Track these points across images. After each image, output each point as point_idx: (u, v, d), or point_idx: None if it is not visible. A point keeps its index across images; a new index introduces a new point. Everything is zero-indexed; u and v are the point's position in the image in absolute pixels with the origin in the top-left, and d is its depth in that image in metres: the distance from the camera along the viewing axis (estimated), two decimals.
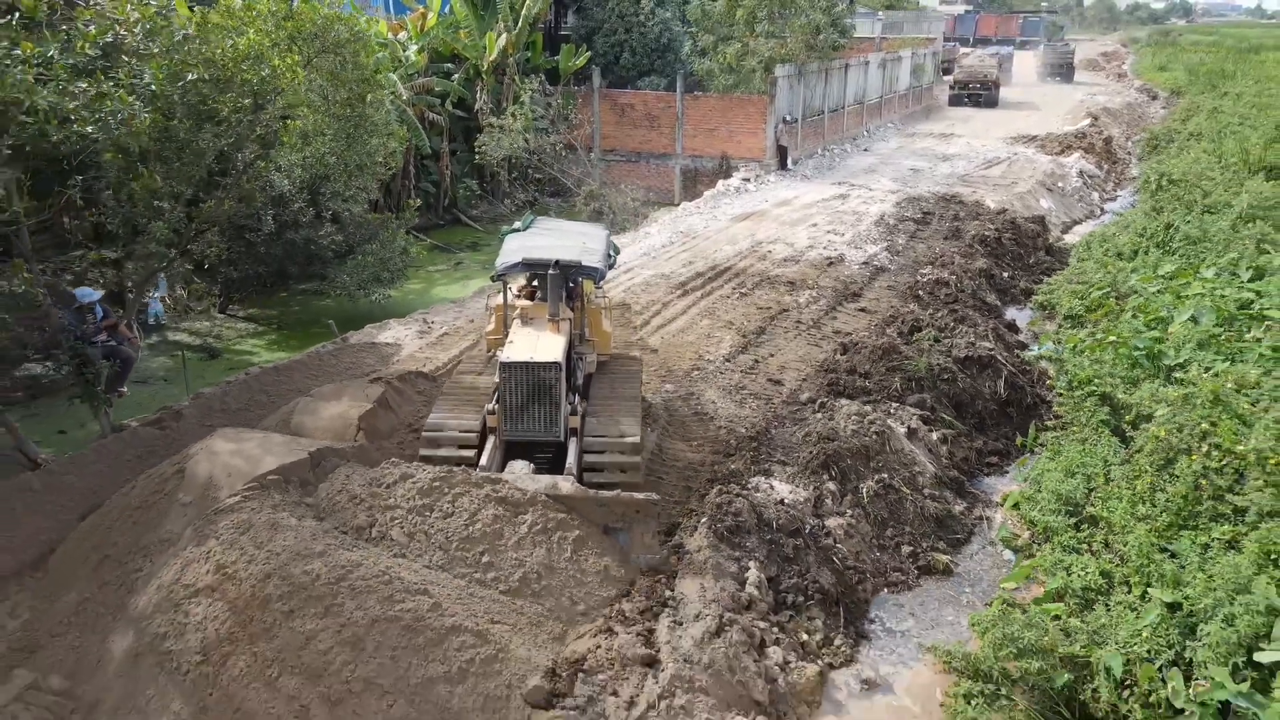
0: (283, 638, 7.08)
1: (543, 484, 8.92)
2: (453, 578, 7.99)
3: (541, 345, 9.81)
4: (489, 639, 7.46)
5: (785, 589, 9.11)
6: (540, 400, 9.61)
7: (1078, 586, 8.86)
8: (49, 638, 7.97)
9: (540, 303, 10.61)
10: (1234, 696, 6.77)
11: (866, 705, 8.30)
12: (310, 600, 7.28)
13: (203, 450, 9.12)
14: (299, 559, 7.62)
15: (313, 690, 6.85)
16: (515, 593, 8.12)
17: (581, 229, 12.26)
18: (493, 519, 8.47)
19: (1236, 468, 9.30)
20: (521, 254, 10.39)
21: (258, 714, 6.74)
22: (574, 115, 28.70)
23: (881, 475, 10.85)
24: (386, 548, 8.19)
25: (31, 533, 9.13)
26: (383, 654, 7.07)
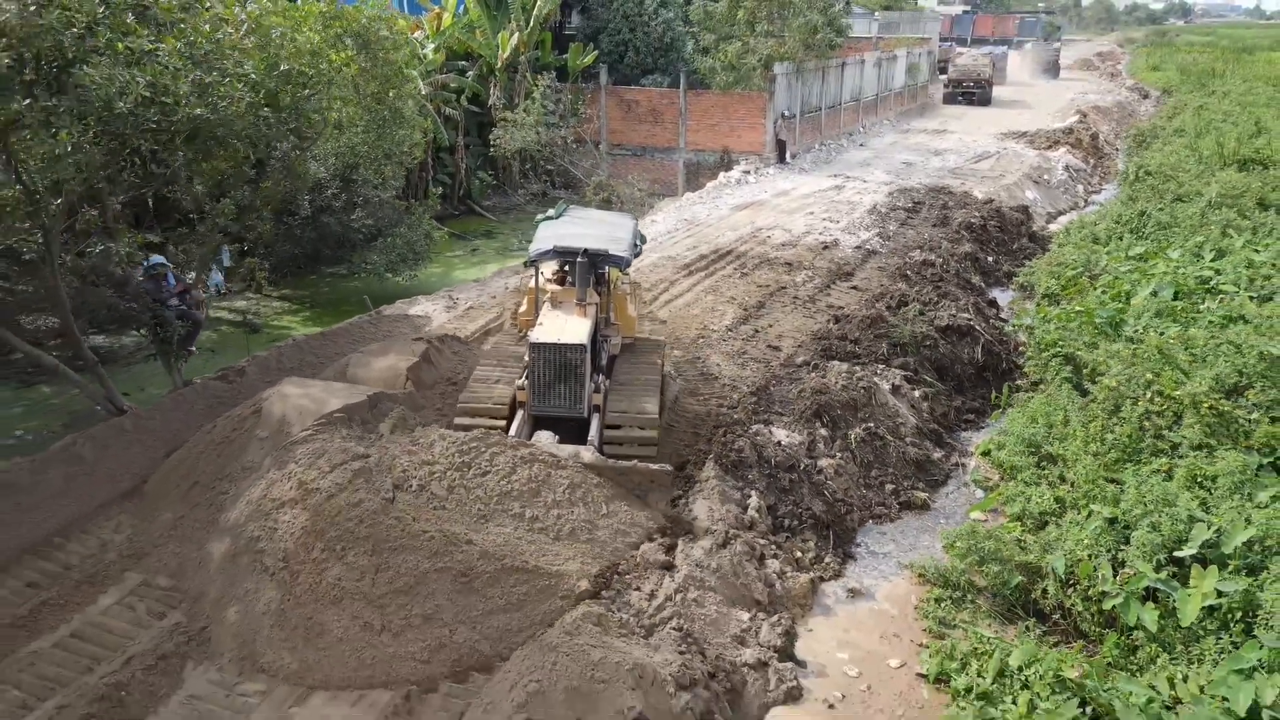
0: (352, 531, 8.32)
1: (566, 453, 9.54)
2: (497, 527, 8.70)
3: (569, 328, 10.40)
4: (543, 572, 8.41)
5: (782, 515, 10.48)
6: (566, 379, 10.21)
7: (1035, 511, 10.22)
8: (152, 547, 9.33)
9: (569, 287, 11.23)
10: (1154, 582, 8.13)
11: (851, 609, 9.65)
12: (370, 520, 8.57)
13: (275, 394, 10.49)
14: (364, 482, 8.97)
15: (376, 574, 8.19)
16: (563, 538, 8.81)
17: (611, 218, 12.97)
18: (530, 477, 9.10)
19: (1175, 411, 10.68)
20: (553, 241, 10.99)
21: (339, 596, 8.06)
22: (584, 110, 30.06)
23: (868, 424, 12.21)
24: (427, 501, 8.88)
25: (126, 465, 10.49)
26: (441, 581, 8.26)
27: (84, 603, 8.55)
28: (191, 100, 8.42)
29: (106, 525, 9.72)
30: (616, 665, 7.19)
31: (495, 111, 28.34)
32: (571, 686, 6.92)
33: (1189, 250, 17.85)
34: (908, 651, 8.95)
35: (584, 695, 6.91)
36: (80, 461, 10.24)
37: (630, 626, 8.10)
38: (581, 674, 7.01)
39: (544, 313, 10.93)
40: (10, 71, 7.23)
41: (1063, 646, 8.41)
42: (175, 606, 8.56)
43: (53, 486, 9.85)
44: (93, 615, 8.40)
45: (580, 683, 6.96)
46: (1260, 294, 14.68)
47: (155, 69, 8.20)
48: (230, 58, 9.13)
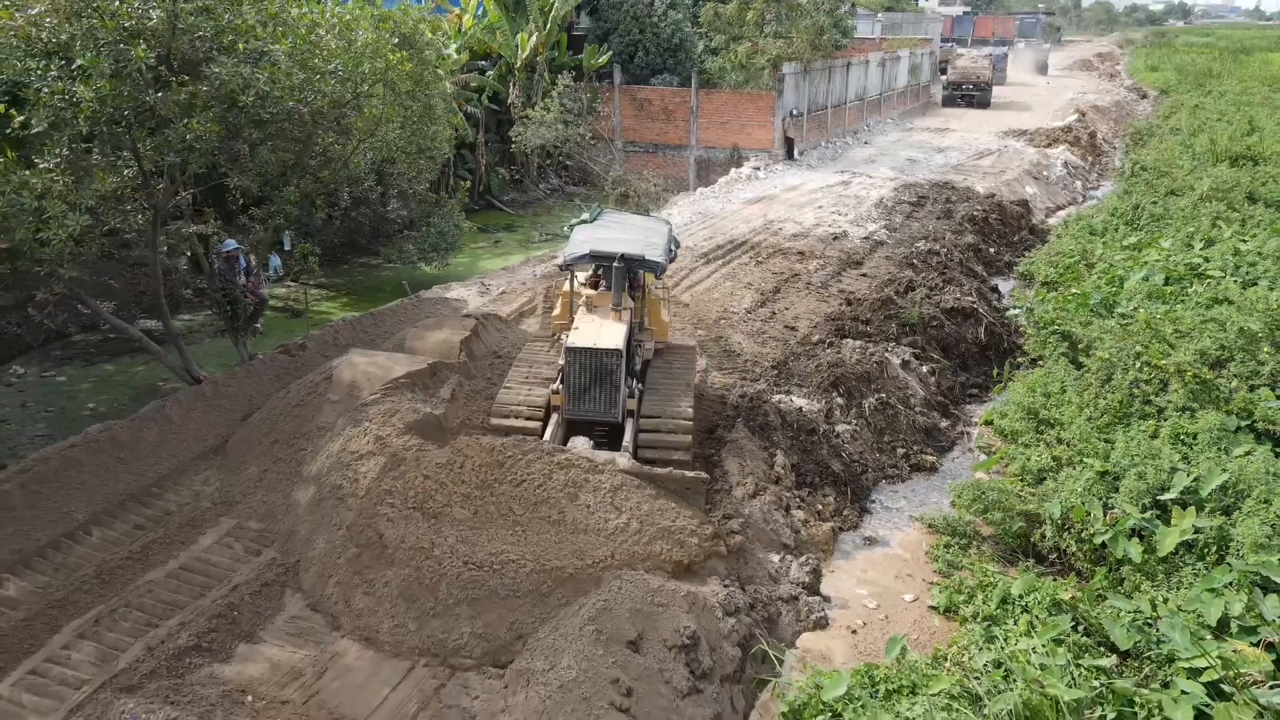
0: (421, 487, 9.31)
1: (601, 459, 9.58)
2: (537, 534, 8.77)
3: (604, 333, 10.43)
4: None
5: (804, 472, 11.53)
6: (601, 383, 10.26)
7: (1033, 468, 11.27)
8: (241, 496, 10.38)
9: (605, 292, 11.18)
10: (1140, 521, 9.19)
11: (868, 554, 10.72)
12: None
13: (344, 362, 11.55)
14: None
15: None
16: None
17: (646, 223, 12.93)
18: (569, 482, 9.13)
19: (1162, 379, 11.74)
20: (589, 245, 11.02)
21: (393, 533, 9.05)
22: (601, 108, 31.13)
23: (880, 395, 13.27)
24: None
25: (209, 427, 11.54)
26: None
27: (187, 542, 9.60)
28: (293, 95, 9.46)
29: (196, 478, 10.78)
30: (673, 592, 8.23)
31: (514, 110, 29.39)
32: (635, 607, 7.92)
33: (1180, 240, 18.89)
34: (920, 589, 10.01)
35: (645, 615, 7.93)
36: (170, 423, 11.30)
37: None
38: (644, 598, 8.03)
39: (579, 317, 10.97)
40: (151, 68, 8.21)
41: (1058, 580, 9.46)
42: (269, 545, 9.61)
43: (149, 444, 10.91)
44: (196, 552, 9.46)
45: (642, 605, 7.97)
46: (1245, 279, 15.72)
47: (271, 67, 9.26)
48: (319, 54, 10.17)
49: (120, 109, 8.38)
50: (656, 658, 7.63)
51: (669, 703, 7.44)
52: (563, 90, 27.99)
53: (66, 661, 7.92)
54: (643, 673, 7.49)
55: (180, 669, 7.82)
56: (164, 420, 11.29)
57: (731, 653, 8.10)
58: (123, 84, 8.24)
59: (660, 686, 7.50)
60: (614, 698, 7.18)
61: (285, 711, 7.42)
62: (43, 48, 8.26)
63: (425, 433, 10.39)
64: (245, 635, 8.35)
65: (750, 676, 8.19)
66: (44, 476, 9.97)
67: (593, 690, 7.14)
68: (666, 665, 7.62)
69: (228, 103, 9.07)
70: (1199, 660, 7.15)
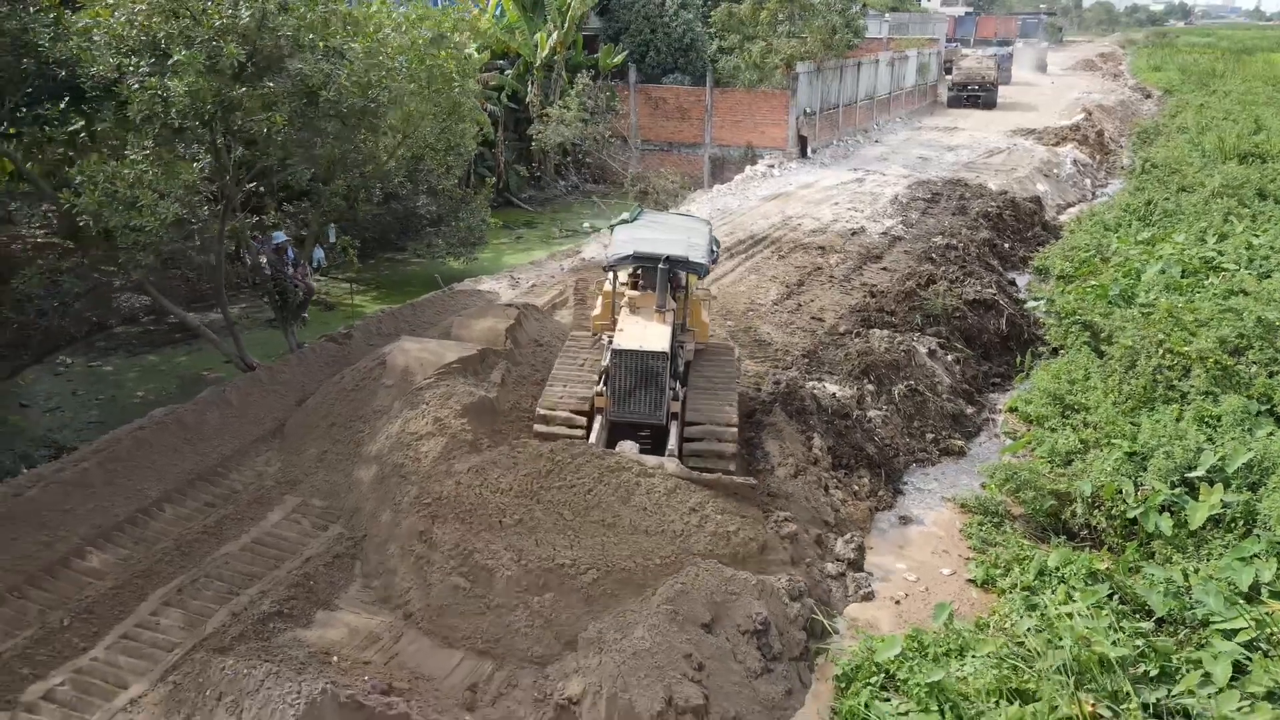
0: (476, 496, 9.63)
1: (651, 464, 9.66)
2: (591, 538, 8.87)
3: (650, 335, 10.37)
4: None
5: (840, 454, 11.96)
6: (647, 386, 10.22)
7: (1061, 450, 11.70)
8: (303, 475, 10.80)
9: (647, 293, 11.09)
10: (1169, 497, 9.62)
11: (904, 532, 11.15)
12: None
13: (396, 349, 11.98)
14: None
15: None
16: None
17: (686, 223, 12.78)
18: (620, 485, 9.27)
19: (1184, 365, 12.18)
20: (632, 246, 10.96)
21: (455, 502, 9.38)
22: (620, 107, 31.58)
23: (909, 382, 13.69)
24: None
25: (267, 411, 11.96)
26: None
27: (256, 518, 10.02)
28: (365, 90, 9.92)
29: (258, 459, 11.20)
30: (744, 580, 8.60)
31: (532, 108, 29.81)
32: (709, 593, 8.28)
33: (1193, 234, 19.37)
34: (956, 563, 10.45)
35: (719, 602, 8.31)
36: (230, 406, 11.72)
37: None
38: (718, 586, 8.39)
39: (623, 318, 10.89)
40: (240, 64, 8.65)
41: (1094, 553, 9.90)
42: (334, 521, 10.03)
43: (212, 426, 11.33)
44: (266, 527, 9.88)
45: (717, 591, 8.34)
46: (1259, 271, 16.18)
47: (350, 64, 9.69)
48: (384, 51, 10.60)
49: (208, 103, 8.81)
50: (730, 639, 8.05)
51: (741, 680, 7.88)
52: (582, 89, 28.41)
53: (156, 626, 8.35)
54: (716, 652, 7.91)
55: (265, 633, 8.24)
56: (225, 404, 11.71)
57: (798, 636, 8.54)
58: (213, 79, 8.68)
59: (733, 664, 7.93)
60: (687, 670, 7.59)
61: (368, 670, 7.84)
62: (135, 44, 8.69)
63: (480, 415, 10.84)
64: (322, 603, 8.78)
65: (813, 650, 8.60)
66: (118, 456, 10.39)
67: (666, 660, 7.55)
68: (739, 647, 8.05)
69: (306, 97, 9.51)
70: (1234, 621, 7.58)
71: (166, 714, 7.15)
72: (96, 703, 7.48)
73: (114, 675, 7.77)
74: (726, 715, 7.57)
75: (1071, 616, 8.04)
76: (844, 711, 7.90)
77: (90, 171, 8.62)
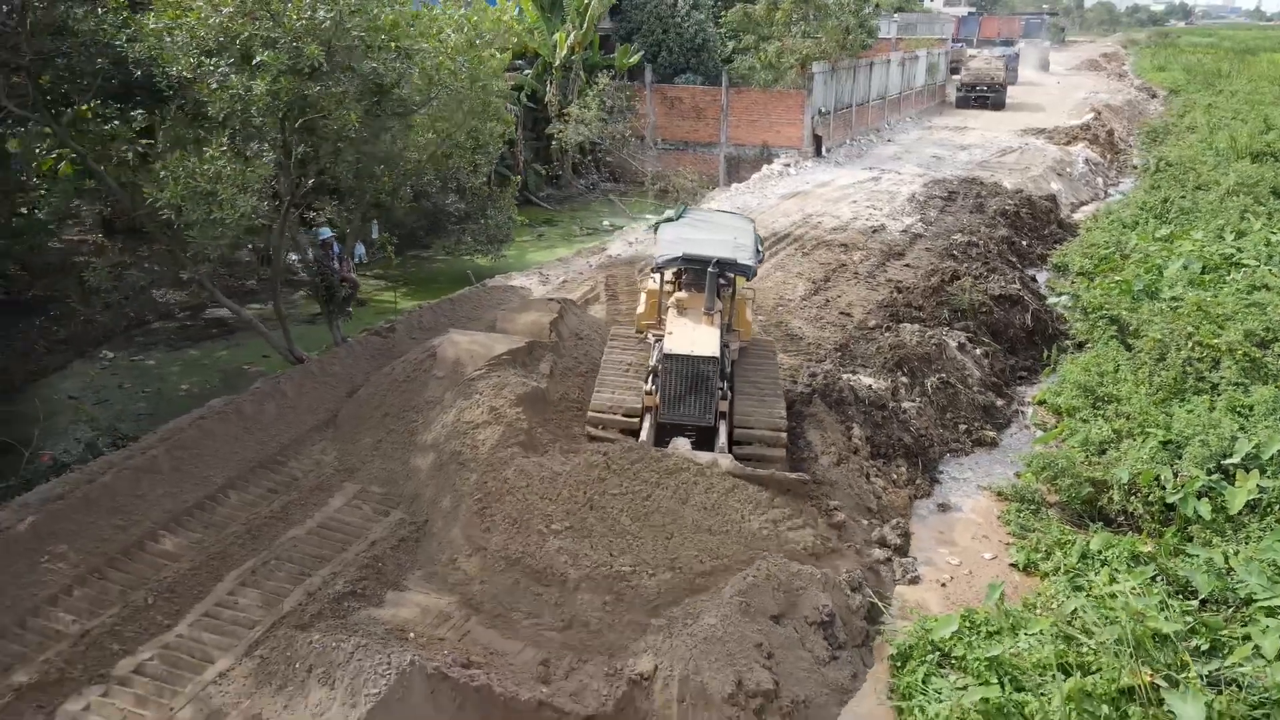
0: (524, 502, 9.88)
1: (704, 460, 9.91)
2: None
3: (699, 339, 10.48)
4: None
5: (877, 444, 12.26)
6: (697, 390, 10.39)
7: (1095, 440, 12.00)
8: (360, 463, 11.09)
9: (695, 294, 11.22)
10: (1207, 483, 9.92)
11: (943, 518, 11.46)
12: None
13: (446, 341, 12.28)
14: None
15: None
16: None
17: (732, 222, 12.81)
18: (679, 485, 9.54)
19: (1213, 357, 12.48)
20: (681, 248, 11.05)
21: (519, 489, 9.67)
22: (638, 106, 31.91)
23: (941, 374, 13.99)
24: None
25: (319, 401, 12.26)
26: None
27: (319, 504, 10.32)
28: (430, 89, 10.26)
29: (314, 448, 11.49)
30: (810, 574, 8.90)
31: (550, 108, 30.11)
32: (777, 586, 8.58)
33: (1211, 232, 19.66)
34: (997, 548, 10.76)
35: (787, 594, 8.61)
36: (285, 397, 12.01)
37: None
38: (786, 582, 8.68)
39: (671, 320, 10.98)
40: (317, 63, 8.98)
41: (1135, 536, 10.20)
42: (395, 506, 10.32)
43: (269, 416, 11.63)
44: (329, 513, 10.17)
45: (785, 587, 8.64)
46: None
47: (423, 62, 10.01)
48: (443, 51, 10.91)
49: (284, 102, 9.12)
50: (798, 630, 8.37)
51: (810, 667, 8.19)
52: (603, 88, 28.72)
53: (235, 605, 8.65)
54: (785, 641, 8.22)
55: (341, 611, 8.54)
56: (280, 395, 12.01)
57: (860, 625, 8.87)
58: (292, 79, 8.99)
59: (801, 653, 8.24)
60: (757, 658, 7.89)
61: (444, 646, 8.14)
62: (214, 45, 8.99)
63: (533, 405, 11.14)
64: (391, 584, 9.08)
65: (874, 635, 8.91)
66: (184, 444, 10.69)
67: (737, 648, 7.86)
68: (807, 637, 8.36)
69: (377, 95, 9.82)
70: (1278, 599, 7.87)
71: (257, 686, 7.45)
72: (186, 676, 7.77)
73: (200, 651, 8.07)
74: (796, 699, 7.86)
75: (1115, 597, 8.34)
76: (901, 688, 8.20)
77: (173, 167, 8.93)
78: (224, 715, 7.31)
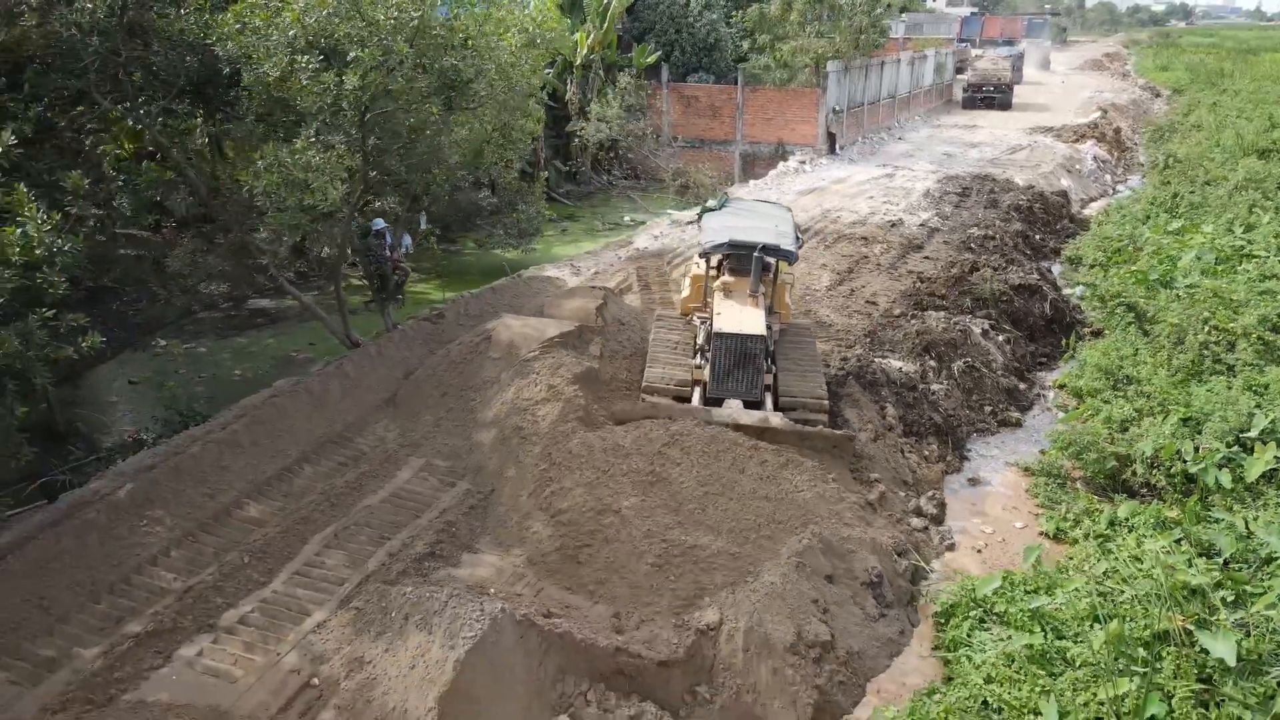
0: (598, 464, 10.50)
1: (756, 418, 10.70)
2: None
3: (746, 319, 11.22)
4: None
5: (909, 422, 12.89)
6: (745, 366, 11.12)
7: (1117, 419, 12.61)
8: (422, 440, 11.71)
9: (740, 278, 12.03)
10: (1226, 455, 10.54)
11: (974, 492, 12.08)
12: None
13: (500, 325, 12.91)
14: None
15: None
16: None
17: (771, 210, 13.48)
18: (735, 458, 10.19)
19: (1229, 340, 13.10)
20: (728, 235, 11.77)
21: (584, 459, 10.31)
22: (658, 104, 32.56)
23: (966, 359, 14.61)
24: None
25: (380, 382, 12.87)
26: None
27: (388, 476, 10.94)
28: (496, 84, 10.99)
29: (377, 425, 12.11)
30: (859, 538, 9.56)
31: (570, 106, 30.74)
32: (830, 549, 9.22)
33: (1221, 225, 20.27)
34: (1027, 518, 11.39)
35: (840, 556, 9.25)
36: (348, 378, 12.64)
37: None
38: (837, 545, 9.32)
39: (718, 302, 11.80)
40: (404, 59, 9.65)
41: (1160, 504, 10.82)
42: (460, 478, 10.95)
43: (334, 395, 12.25)
44: (399, 483, 10.80)
45: (837, 550, 9.27)
46: None
47: (499, 60, 10.65)
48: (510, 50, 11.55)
49: (369, 96, 9.75)
50: (850, 589, 9.00)
51: (861, 623, 8.82)
52: (624, 87, 29.34)
53: (323, 565, 9.27)
54: (838, 599, 8.84)
55: (423, 570, 9.18)
56: (343, 375, 12.63)
57: (905, 586, 9.51)
58: (379, 75, 9.62)
59: (853, 609, 8.87)
60: (814, 612, 8.51)
61: (521, 600, 8.75)
62: (304, 43, 9.60)
63: (588, 383, 11.77)
64: (465, 546, 9.71)
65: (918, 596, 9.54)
66: (260, 420, 11.31)
67: (796, 603, 8.47)
68: (858, 595, 9.00)
69: (455, 90, 10.43)
70: None
71: (356, 633, 8.06)
72: (286, 626, 8.40)
73: (295, 605, 8.69)
74: (851, 650, 8.48)
75: (1142, 560, 8.96)
76: (947, 642, 8.82)
77: (269, 157, 9.55)
78: (327, 659, 7.93)
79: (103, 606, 8.57)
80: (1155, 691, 7.03)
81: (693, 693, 8.07)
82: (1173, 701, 7.00)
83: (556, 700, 7.71)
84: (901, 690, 8.41)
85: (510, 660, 7.63)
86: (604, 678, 7.97)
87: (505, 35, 11.39)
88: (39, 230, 8.14)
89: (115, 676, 7.75)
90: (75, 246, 8.41)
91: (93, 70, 10.02)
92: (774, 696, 7.99)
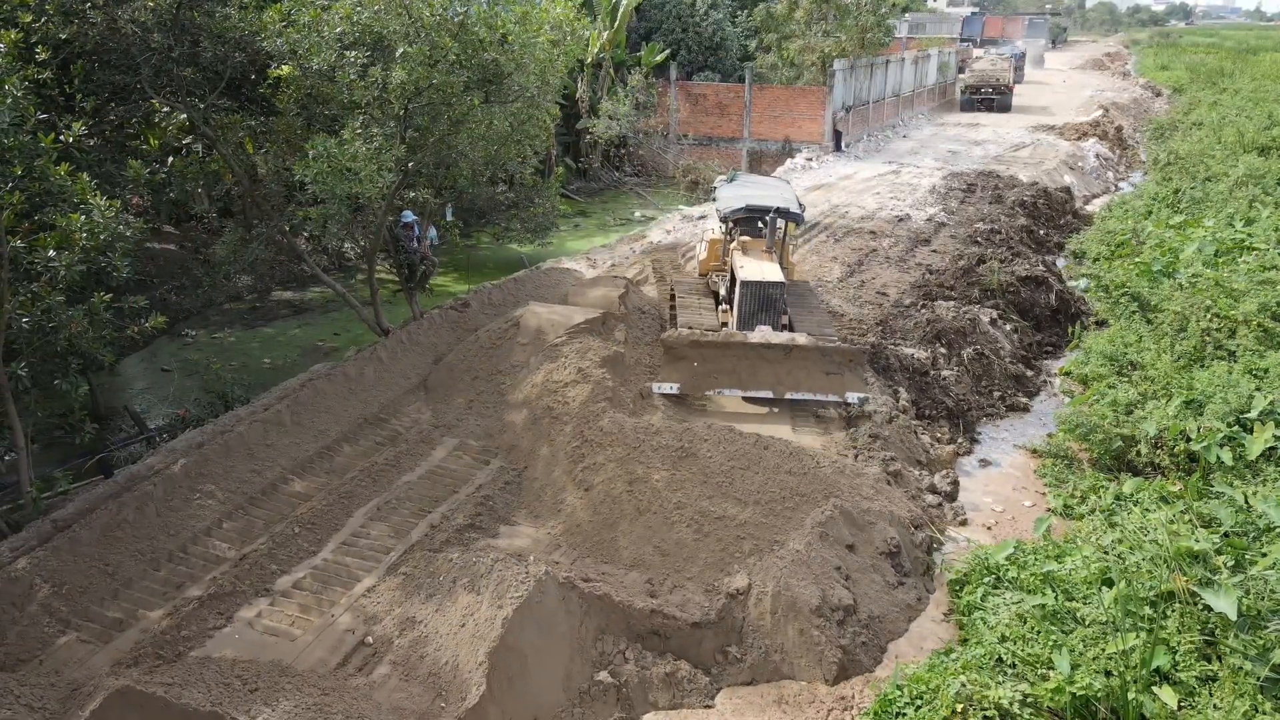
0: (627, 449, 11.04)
1: (784, 338, 12.07)
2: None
3: (766, 269, 12.92)
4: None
5: (921, 406, 13.37)
6: (767, 309, 12.69)
7: (1122, 402, 13.09)
8: (455, 421, 12.20)
9: (755, 238, 14.05)
10: (1228, 434, 11.02)
11: (985, 472, 12.56)
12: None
13: (528, 312, 13.39)
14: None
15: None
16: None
17: (775, 183, 15.71)
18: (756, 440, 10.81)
19: (1230, 328, 13.58)
20: (744, 200, 13.70)
21: (615, 436, 10.80)
22: (667, 102, 33.04)
23: (975, 346, 15.09)
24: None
25: (411, 366, 13.36)
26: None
27: (424, 454, 11.43)
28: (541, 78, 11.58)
29: (410, 407, 12.59)
30: (878, 510, 10.03)
31: (580, 104, 31.21)
32: (850, 522, 9.71)
33: (1222, 220, 20.75)
34: (1035, 498, 11.86)
35: (860, 526, 9.73)
36: (381, 363, 13.11)
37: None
38: (858, 517, 9.80)
39: (738, 258, 13.43)
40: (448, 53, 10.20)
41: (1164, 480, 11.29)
42: (493, 456, 11.43)
43: (369, 379, 12.73)
44: (435, 462, 11.28)
45: (857, 521, 9.75)
46: None
47: (537, 55, 11.13)
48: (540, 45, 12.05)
49: (413, 90, 10.22)
50: (870, 558, 9.47)
51: (881, 589, 9.30)
52: (636, 85, 29.81)
53: (368, 536, 9.75)
54: (859, 566, 9.32)
55: (465, 540, 9.65)
56: (377, 360, 13.11)
57: (921, 557, 9.98)
58: (425, 69, 10.10)
59: (874, 576, 9.35)
60: (837, 578, 8.99)
61: (559, 568, 9.23)
62: (352, 39, 10.07)
63: (615, 366, 12.26)
64: (502, 519, 10.19)
65: (933, 566, 10.02)
66: (301, 401, 11.79)
67: (820, 569, 8.95)
68: (878, 563, 9.48)
69: (493, 84, 10.90)
70: None
71: (406, 596, 8.55)
72: (338, 590, 8.88)
73: (345, 571, 9.18)
74: (872, 615, 8.97)
75: (1146, 532, 9.43)
76: (962, 606, 9.30)
77: (320, 148, 10.03)
78: (379, 619, 8.41)
79: (163, 573, 9.05)
80: (1161, 645, 7.50)
81: (724, 652, 8.56)
82: (1177, 655, 7.48)
83: (597, 657, 8.20)
84: (919, 652, 8.89)
85: (553, 620, 8.11)
86: (640, 638, 8.46)
87: (540, 32, 11.86)
88: (104, 215, 8.61)
89: (181, 635, 8.23)
90: (138, 231, 8.87)
91: (147, 66, 10.51)
92: (800, 656, 8.47)
